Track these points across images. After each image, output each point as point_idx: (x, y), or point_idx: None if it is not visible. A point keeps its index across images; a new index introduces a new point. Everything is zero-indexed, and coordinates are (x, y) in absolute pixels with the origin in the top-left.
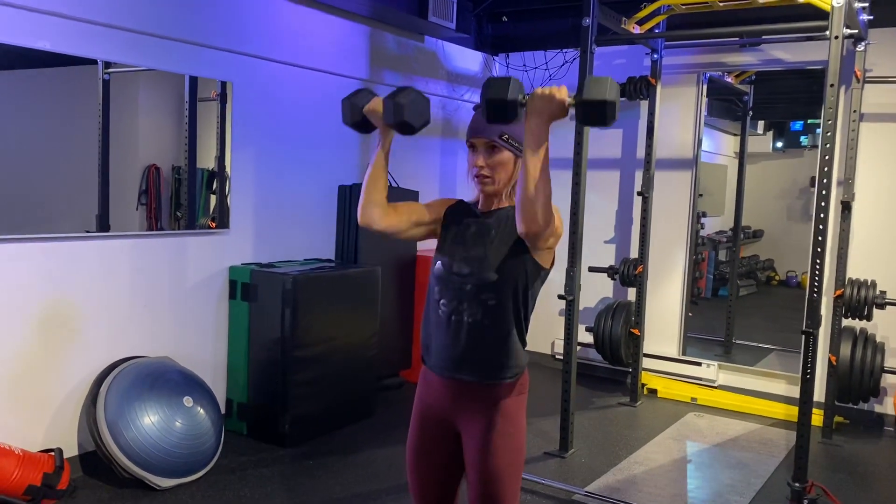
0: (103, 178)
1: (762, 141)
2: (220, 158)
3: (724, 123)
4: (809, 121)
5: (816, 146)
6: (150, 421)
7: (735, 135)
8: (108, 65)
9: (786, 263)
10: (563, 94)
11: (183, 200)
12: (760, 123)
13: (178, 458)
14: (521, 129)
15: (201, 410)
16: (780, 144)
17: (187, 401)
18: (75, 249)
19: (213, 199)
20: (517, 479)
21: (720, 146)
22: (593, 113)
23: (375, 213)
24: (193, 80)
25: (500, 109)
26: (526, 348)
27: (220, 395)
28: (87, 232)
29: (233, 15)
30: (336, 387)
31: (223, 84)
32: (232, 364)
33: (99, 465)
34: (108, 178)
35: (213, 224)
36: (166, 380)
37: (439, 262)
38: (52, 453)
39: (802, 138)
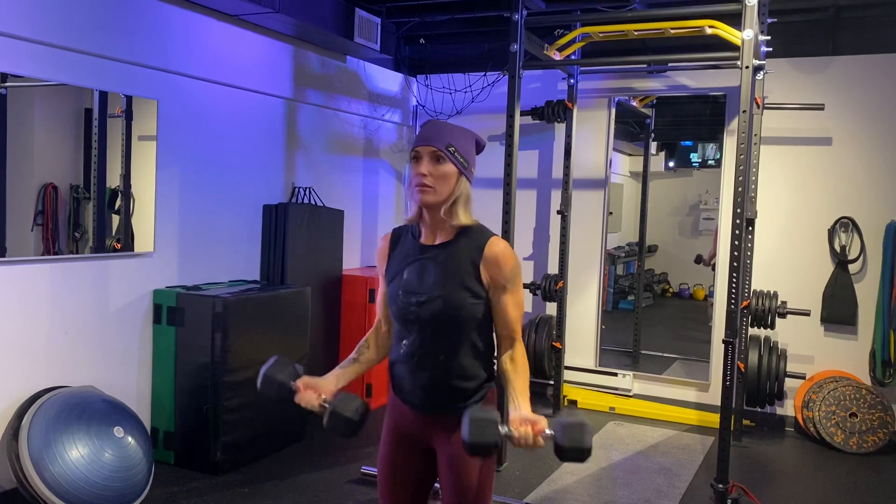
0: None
1: (655, 160)
2: (126, 177)
3: (619, 144)
4: (708, 144)
5: (707, 165)
6: (79, 454)
7: (629, 154)
8: (3, 77)
9: (678, 276)
10: (541, 442)
11: (81, 221)
12: (653, 143)
13: (108, 491)
14: (467, 143)
15: (132, 440)
16: (671, 164)
17: (118, 431)
18: None
19: (115, 218)
20: (491, 490)
21: (616, 166)
22: (574, 457)
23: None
24: (103, 96)
25: (485, 450)
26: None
27: (145, 424)
28: None
29: (158, 32)
30: (267, 411)
31: (128, 99)
32: (157, 391)
33: (21, 503)
34: (5, 198)
35: (119, 245)
36: (94, 410)
37: (395, 305)
38: None
39: (693, 155)
